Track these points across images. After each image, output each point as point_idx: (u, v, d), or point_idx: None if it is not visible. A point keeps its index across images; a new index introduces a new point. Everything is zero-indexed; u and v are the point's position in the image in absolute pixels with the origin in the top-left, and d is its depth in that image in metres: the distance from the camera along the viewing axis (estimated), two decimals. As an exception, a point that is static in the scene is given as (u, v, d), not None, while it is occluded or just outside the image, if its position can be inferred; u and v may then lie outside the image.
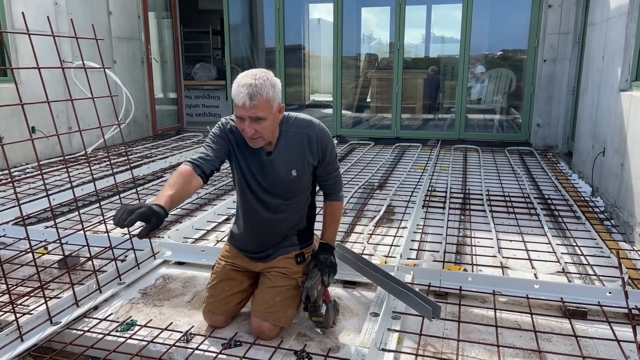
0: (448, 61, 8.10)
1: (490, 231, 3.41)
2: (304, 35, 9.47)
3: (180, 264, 2.92)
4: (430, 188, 4.63)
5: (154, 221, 1.62)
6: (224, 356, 1.97)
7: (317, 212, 2.34)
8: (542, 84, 6.61)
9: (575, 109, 5.86)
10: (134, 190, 4.40)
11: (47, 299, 2.22)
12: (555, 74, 6.50)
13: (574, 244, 3.23)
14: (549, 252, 3.09)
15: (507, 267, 2.84)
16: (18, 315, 2.10)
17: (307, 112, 2.18)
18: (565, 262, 2.89)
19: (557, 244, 3.19)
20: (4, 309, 2.30)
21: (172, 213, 3.82)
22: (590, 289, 2.47)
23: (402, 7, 7.02)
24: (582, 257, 3.00)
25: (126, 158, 5.88)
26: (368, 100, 8.59)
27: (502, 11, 7.46)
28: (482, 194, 4.38)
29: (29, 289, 2.52)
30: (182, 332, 2.14)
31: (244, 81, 1.86)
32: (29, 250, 2.31)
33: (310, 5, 9.42)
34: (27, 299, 2.43)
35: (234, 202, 3.90)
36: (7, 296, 2.42)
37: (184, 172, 1.90)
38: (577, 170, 5.14)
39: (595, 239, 3.28)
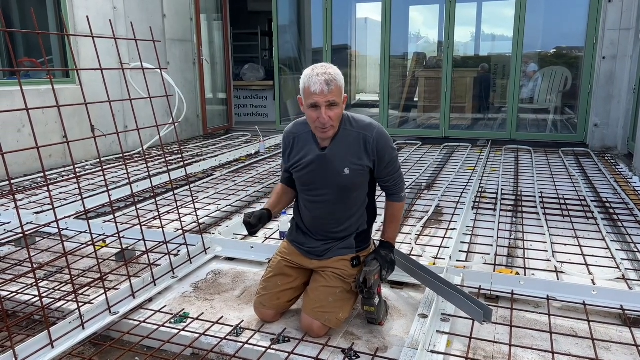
0: (499, 59, 7.89)
1: (544, 234, 3.29)
2: (351, 35, 9.47)
3: (230, 259, 2.99)
4: (480, 189, 4.52)
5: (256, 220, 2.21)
6: (273, 351, 2.01)
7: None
8: (600, 82, 6.32)
9: (637, 108, 5.57)
10: (187, 187, 4.55)
11: (106, 290, 2.32)
12: (615, 71, 6.21)
13: (635, 249, 3.08)
14: (608, 257, 2.96)
15: (562, 272, 2.74)
16: (80, 304, 2.21)
17: (353, 112, 2.23)
18: (626, 269, 2.75)
19: (617, 249, 3.04)
20: (67, 298, 2.43)
21: (222, 210, 3.92)
22: (653, 297, 2.35)
23: (452, 5, 6.90)
24: (644, 264, 2.86)
25: (179, 156, 6.08)
26: (415, 99, 8.49)
27: (557, 7, 7.19)
28: (535, 196, 4.24)
29: (89, 280, 2.65)
30: (232, 326, 2.19)
31: (318, 71, 2.00)
32: (90, 243, 2.42)
33: (358, 4, 9.41)
34: (87, 289, 2.56)
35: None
36: (69, 286, 2.56)
37: (281, 187, 2.37)
38: (639, 173, 4.89)
39: (659, 245, 3.11)
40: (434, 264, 2.74)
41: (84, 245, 2.97)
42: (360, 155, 2.12)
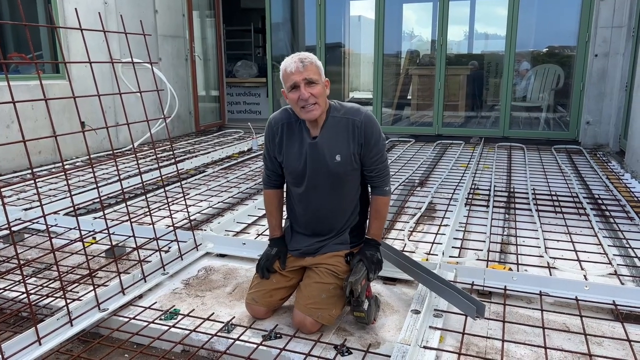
0: (492, 58, 7.90)
1: (537, 230, 3.30)
2: (344, 32, 9.44)
3: (221, 256, 2.96)
4: (473, 186, 4.52)
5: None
6: (265, 347, 1.99)
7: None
8: (592, 80, 6.34)
9: (629, 106, 5.59)
10: (178, 184, 4.51)
11: (95, 286, 2.29)
12: (607, 69, 6.23)
13: (627, 245, 3.08)
14: (600, 253, 2.96)
15: (554, 268, 2.74)
16: (68, 301, 2.18)
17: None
18: (618, 264, 2.76)
19: (609, 245, 3.05)
20: (55, 295, 2.40)
21: (214, 207, 3.89)
22: (645, 292, 2.35)
23: (445, 3, 6.89)
24: (635, 259, 2.86)
25: (170, 153, 6.04)
26: (409, 97, 8.48)
27: (550, 5, 7.20)
28: (527, 193, 4.25)
29: (78, 277, 2.62)
30: (223, 322, 2.17)
31: (292, 55, 2.06)
32: (79, 239, 2.39)
33: (351, 2, 9.38)
34: (76, 286, 2.52)
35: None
36: (58, 282, 2.52)
37: (270, 195, 2.33)
38: (630, 170, 4.91)
39: (650, 241, 3.12)
40: (427, 259, 2.73)
41: (73, 242, 2.93)
42: (349, 141, 2.09)
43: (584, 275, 2.63)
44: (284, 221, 2.38)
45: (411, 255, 2.67)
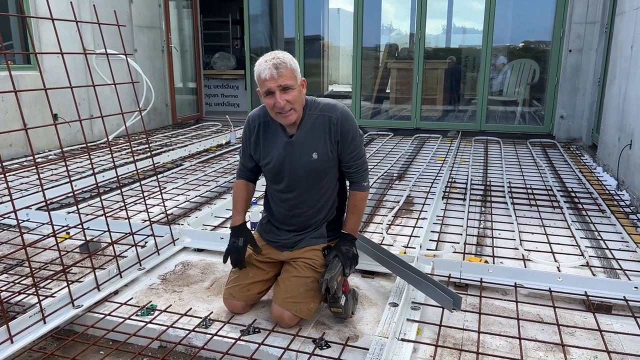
0: (469, 52, 7.97)
1: (512, 223, 3.35)
2: (323, 25, 9.40)
3: (199, 250, 2.94)
4: (450, 179, 4.57)
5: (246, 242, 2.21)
6: (243, 342, 1.98)
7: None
8: (566, 75, 6.45)
9: (601, 101, 5.72)
10: (154, 178, 4.44)
11: (69, 282, 2.24)
12: (581, 64, 6.34)
13: (599, 237, 3.16)
14: (573, 245, 3.03)
15: (529, 260, 2.79)
16: (41, 298, 2.13)
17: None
18: (590, 256, 2.82)
19: (581, 237, 3.12)
20: (27, 292, 2.34)
21: (191, 201, 3.85)
22: (615, 283, 2.42)
23: (424, -4, 6.93)
24: (607, 251, 2.93)
25: (146, 146, 5.94)
26: (387, 90, 8.51)
27: (525, 1, 7.30)
28: (503, 186, 4.31)
29: (52, 273, 2.56)
30: (201, 317, 2.15)
31: (267, 57, 1.98)
32: (52, 234, 2.34)
33: (331, -6, 9.34)
34: (49, 283, 2.47)
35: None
36: (30, 279, 2.46)
37: (241, 185, 2.29)
38: (602, 163, 5.03)
39: (621, 233, 3.20)
40: (405, 253, 2.75)
41: (46, 237, 2.87)
42: (326, 138, 2.08)
43: (558, 267, 2.69)
44: (260, 215, 2.37)
45: (389, 248, 2.69)
